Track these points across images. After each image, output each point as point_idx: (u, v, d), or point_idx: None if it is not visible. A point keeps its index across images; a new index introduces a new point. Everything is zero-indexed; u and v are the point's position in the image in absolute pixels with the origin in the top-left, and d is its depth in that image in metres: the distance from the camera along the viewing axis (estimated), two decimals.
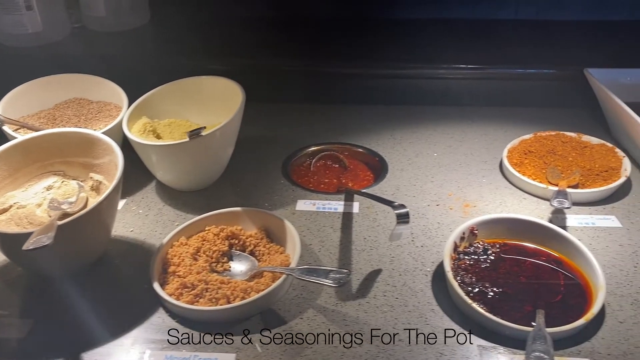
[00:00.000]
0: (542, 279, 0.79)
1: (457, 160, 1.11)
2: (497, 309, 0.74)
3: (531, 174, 1.03)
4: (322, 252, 0.87)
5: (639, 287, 0.78)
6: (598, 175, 1.02)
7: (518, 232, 0.86)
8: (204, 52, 1.39)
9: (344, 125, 1.25)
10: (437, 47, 1.38)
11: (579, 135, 1.11)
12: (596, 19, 1.49)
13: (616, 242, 0.87)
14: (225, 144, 1.00)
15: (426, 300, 0.77)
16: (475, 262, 0.82)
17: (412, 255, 0.86)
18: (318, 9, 1.54)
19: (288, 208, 0.97)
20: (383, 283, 0.80)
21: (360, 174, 1.13)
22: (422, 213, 0.96)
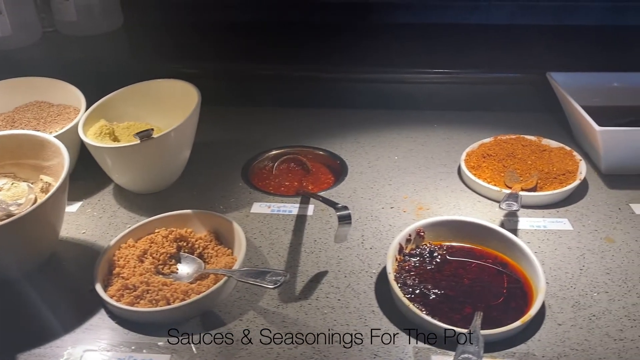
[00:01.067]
0: (486, 282, 0.79)
1: (417, 163, 1.11)
2: (437, 310, 0.74)
3: (488, 177, 1.03)
4: (271, 254, 0.87)
5: (582, 289, 0.78)
6: (555, 178, 1.02)
7: (465, 235, 0.86)
8: (173, 56, 1.40)
9: (309, 128, 1.25)
10: (405, 51, 1.39)
11: (539, 139, 1.11)
12: (568, 23, 1.50)
13: (565, 245, 0.87)
14: (180, 146, 1.00)
15: (368, 302, 0.77)
16: (421, 264, 0.82)
17: (359, 257, 0.86)
18: (286, 13, 1.54)
19: (243, 211, 0.97)
20: (327, 285, 0.80)
21: (322, 177, 1.13)
22: (375, 215, 0.96)
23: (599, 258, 0.84)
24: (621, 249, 0.86)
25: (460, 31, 1.50)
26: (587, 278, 0.80)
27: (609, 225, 0.91)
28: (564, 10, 1.49)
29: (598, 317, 0.73)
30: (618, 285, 0.79)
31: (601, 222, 0.92)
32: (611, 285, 0.79)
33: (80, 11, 1.44)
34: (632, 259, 0.84)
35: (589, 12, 1.49)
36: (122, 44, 1.50)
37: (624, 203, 0.97)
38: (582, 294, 0.77)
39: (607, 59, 1.35)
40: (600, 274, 0.81)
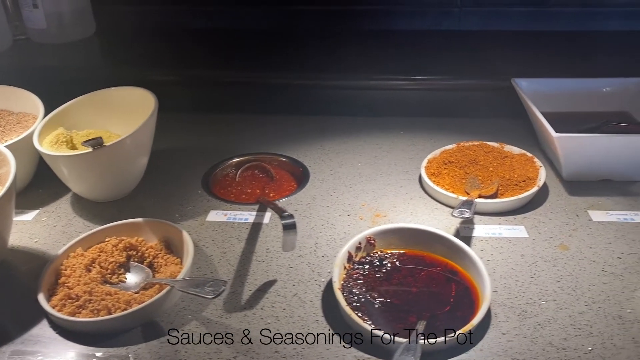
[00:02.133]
0: (434, 290, 0.79)
1: (380, 170, 1.11)
2: (381, 319, 0.73)
3: (447, 183, 1.02)
4: (222, 263, 0.86)
5: (530, 297, 0.77)
6: (516, 185, 1.01)
7: (417, 242, 0.85)
8: (140, 63, 1.39)
9: (276, 135, 1.25)
10: (374, 58, 1.39)
11: (501, 145, 1.11)
12: (539, 29, 1.50)
13: (518, 253, 0.86)
14: (136, 154, 0.99)
15: (313, 311, 0.76)
16: (370, 272, 0.81)
17: (310, 266, 0.85)
18: (251, 20, 1.54)
19: (198, 219, 0.97)
20: (274, 294, 0.79)
21: (285, 184, 1.12)
22: (332, 223, 0.95)
23: (551, 266, 0.83)
24: (574, 257, 0.85)
25: (431, 38, 1.50)
26: (537, 286, 0.79)
27: (565, 233, 0.90)
28: (535, 16, 1.49)
29: (543, 326, 0.73)
30: (567, 293, 0.78)
31: (557, 230, 0.91)
32: (560, 294, 0.78)
33: (50, 19, 1.45)
34: (584, 266, 0.83)
35: (560, 18, 1.49)
36: (92, 52, 1.50)
37: (583, 210, 0.96)
38: (530, 303, 0.76)
39: (576, 64, 1.35)
40: (550, 282, 0.80)
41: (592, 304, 0.76)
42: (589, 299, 0.77)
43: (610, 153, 0.98)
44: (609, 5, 1.47)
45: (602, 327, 0.72)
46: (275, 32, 1.54)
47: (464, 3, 1.49)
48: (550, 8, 1.48)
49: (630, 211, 0.95)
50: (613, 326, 0.72)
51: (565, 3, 1.47)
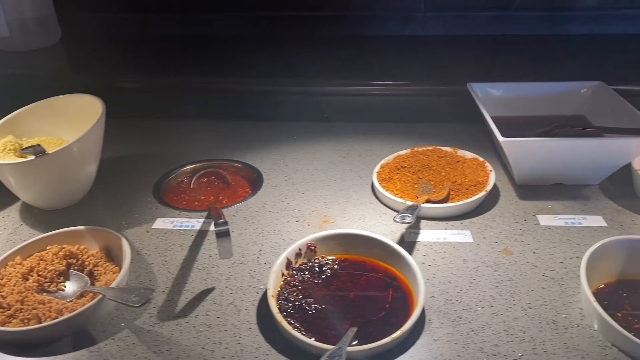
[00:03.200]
0: (371, 296, 0.78)
1: (334, 176, 1.10)
2: (313, 326, 0.73)
3: (398, 189, 1.02)
4: (162, 270, 0.86)
5: (467, 303, 0.77)
6: (468, 189, 1.01)
7: (358, 248, 0.85)
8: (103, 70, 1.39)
9: (233, 141, 1.25)
10: (335, 63, 1.39)
11: (454, 150, 1.10)
12: (501, 33, 1.50)
13: (461, 258, 0.86)
14: (83, 161, 0.99)
15: (247, 319, 0.75)
16: (309, 279, 0.81)
17: (251, 273, 0.84)
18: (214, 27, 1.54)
19: (144, 226, 0.96)
20: (210, 302, 0.79)
21: (239, 190, 1.12)
22: (278, 230, 0.94)
23: (492, 271, 0.83)
24: (517, 262, 0.84)
25: (395, 43, 1.50)
26: (475, 292, 0.79)
27: (510, 237, 0.90)
28: (499, 20, 1.49)
29: (477, 332, 0.72)
30: (505, 298, 0.77)
31: (503, 234, 0.91)
32: (498, 299, 0.77)
33: (12, 26, 1.44)
34: (525, 271, 0.82)
35: (524, 22, 1.49)
36: (56, 59, 1.49)
37: (532, 214, 0.96)
38: (466, 308, 0.76)
39: (537, 68, 1.36)
40: (489, 287, 0.80)
41: (528, 310, 0.75)
42: (526, 304, 0.76)
43: (559, 157, 0.98)
44: (572, 10, 1.47)
45: (536, 332, 0.72)
46: (238, 38, 1.54)
47: (427, 8, 1.49)
48: (514, 12, 1.48)
49: (579, 215, 0.95)
50: (546, 332, 0.72)
51: (529, 7, 1.47)
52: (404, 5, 1.49)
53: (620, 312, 0.76)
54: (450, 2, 1.48)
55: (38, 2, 1.47)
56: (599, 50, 1.43)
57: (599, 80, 1.16)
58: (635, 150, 0.97)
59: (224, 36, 1.56)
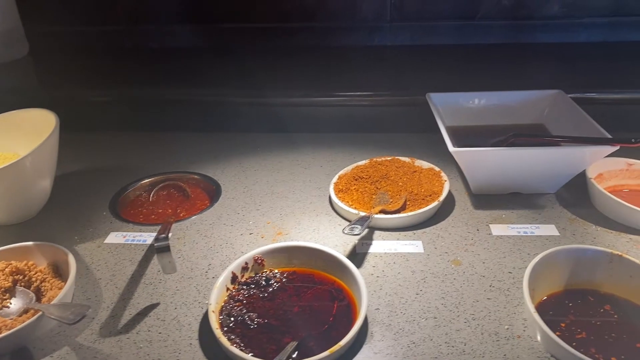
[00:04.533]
0: (316, 309, 0.78)
1: (293, 187, 1.10)
2: (253, 341, 0.72)
3: (354, 199, 1.02)
4: (109, 286, 0.85)
5: (411, 315, 0.76)
6: (423, 199, 1.01)
7: (307, 260, 0.84)
8: (64, 84, 1.39)
9: (194, 153, 1.25)
10: (300, 74, 1.39)
11: (412, 160, 1.11)
12: (467, 42, 1.50)
13: (410, 269, 0.85)
14: (36, 176, 0.98)
15: (189, 335, 0.75)
16: (254, 293, 0.80)
17: (198, 288, 0.84)
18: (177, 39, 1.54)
19: (97, 241, 0.95)
20: (154, 317, 0.78)
21: (198, 202, 1.11)
22: (231, 243, 0.94)
23: (439, 282, 0.83)
24: (465, 272, 0.84)
25: (361, 53, 1.51)
26: (421, 303, 0.79)
27: (461, 247, 0.90)
28: (464, 30, 1.50)
29: (417, 344, 0.72)
30: (449, 310, 0.77)
31: (455, 244, 0.91)
32: (442, 310, 0.77)
33: None
34: (472, 282, 0.82)
35: (489, 31, 1.50)
36: (22, 73, 1.49)
37: (485, 224, 0.96)
38: (410, 320, 0.76)
39: (500, 77, 1.36)
40: (435, 298, 0.79)
41: (472, 321, 0.75)
42: (469, 315, 0.76)
43: (511, 166, 0.98)
44: (536, 18, 1.48)
45: (476, 344, 0.71)
46: (202, 50, 1.55)
47: (393, 18, 1.49)
48: (479, 21, 1.48)
49: (532, 224, 0.95)
50: (487, 343, 0.71)
51: (493, 16, 1.48)
52: (370, 16, 1.49)
53: (565, 322, 0.75)
54: (415, 12, 1.48)
55: (4, 16, 1.47)
56: (562, 59, 1.44)
57: (560, 89, 1.16)
58: (589, 158, 0.97)
59: (188, 48, 1.56)
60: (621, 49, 1.46)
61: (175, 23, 1.54)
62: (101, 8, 1.53)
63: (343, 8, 1.49)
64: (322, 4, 1.49)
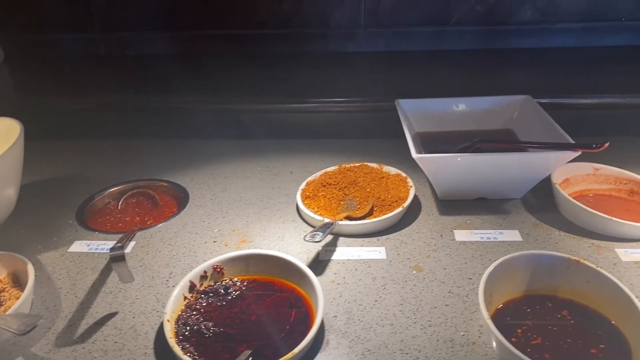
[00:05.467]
0: (273, 317, 0.77)
1: (261, 194, 1.10)
2: (208, 350, 0.72)
3: (321, 206, 1.02)
4: (69, 295, 0.84)
5: (368, 322, 0.76)
6: (390, 205, 1.01)
7: (267, 268, 0.84)
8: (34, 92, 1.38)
9: (164, 160, 1.25)
10: (271, 81, 1.39)
11: (380, 166, 1.11)
12: (441, 48, 1.51)
13: (371, 275, 0.85)
14: (1, 185, 0.98)
15: (144, 344, 0.75)
16: (213, 302, 0.80)
17: (157, 296, 0.83)
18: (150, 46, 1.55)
19: (60, 250, 0.95)
20: (111, 326, 0.78)
21: (166, 210, 1.11)
22: (194, 251, 0.94)
23: (399, 288, 0.83)
24: (425, 278, 0.84)
25: (335, 60, 1.51)
26: (379, 310, 0.79)
27: (423, 254, 0.90)
28: (438, 36, 1.50)
29: (372, 351, 0.72)
30: (407, 317, 0.77)
31: (417, 250, 0.91)
32: (399, 317, 0.77)
33: None
34: (432, 288, 0.82)
35: (462, 37, 1.50)
36: None
37: (449, 230, 0.96)
38: (367, 328, 0.75)
39: (473, 82, 1.36)
40: (393, 305, 0.79)
41: (428, 328, 0.75)
42: (426, 322, 0.76)
43: (474, 172, 0.98)
44: (509, 24, 1.49)
45: (431, 351, 0.71)
46: (175, 57, 1.55)
47: (367, 24, 1.50)
48: (452, 27, 1.49)
49: (496, 230, 0.95)
50: (442, 350, 0.71)
51: (467, 22, 1.48)
52: (344, 23, 1.50)
53: (522, 328, 0.75)
54: (390, 18, 1.49)
55: None
56: (536, 64, 1.45)
57: (531, 94, 1.17)
58: (552, 164, 0.98)
59: (164, 55, 1.56)
60: (594, 54, 1.47)
61: (151, 30, 1.54)
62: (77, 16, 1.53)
63: (317, 15, 1.49)
64: (297, 11, 1.49)
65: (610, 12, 1.46)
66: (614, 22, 1.45)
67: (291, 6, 1.47)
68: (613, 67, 1.40)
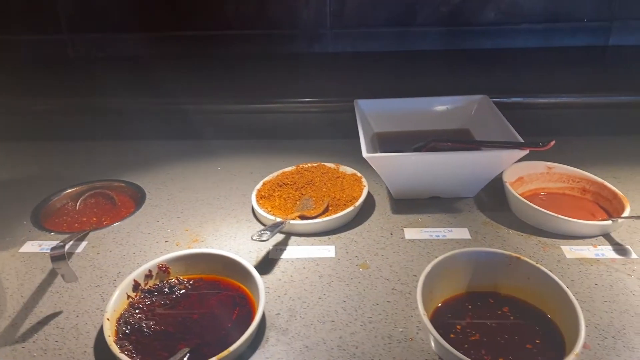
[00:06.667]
0: (216, 315, 0.78)
1: (219, 194, 1.11)
2: (147, 348, 0.72)
3: (277, 205, 1.02)
4: (15, 295, 0.85)
5: (310, 319, 0.77)
6: (345, 204, 1.01)
7: (214, 267, 0.85)
8: None
9: (124, 161, 1.25)
10: (233, 82, 1.39)
11: (337, 166, 1.11)
12: (405, 49, 1.52)
13: (318, 273, 0.86)
14: None
15: (85, 343, 0.75)
16: (157, 300, 0.80)
17: (103, 296, 0.84)
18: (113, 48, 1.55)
19: (11, 250, 0.95)
20: (53, 326, 0.78)
21: (124, 211, 1.11)
22: (145, 251, 0.94)
23: (344, 286, 0.83)
24: (371, 276, 0.85)
25: (302, 61, 1.52)
26: (322, 307, 0.79)
27: (372, 252, 0.91)
28: (402, 36, 1.51)
29: (310, 348, 0.72)
30: (348, 313, 0.78)
31: (366, 249, 0.91)
32: (341, 314, 0.78)
33: None
34: (376, 285, 0.83)
35: (427, 37, 1.52)
36: None
37: (399, 228, 0.97)
38: (307, 325, 0.76)
39: (435, 82, 1.37)
40: (336, 302, 0.80)
41: (368, 324, 0.76)
42: (367, 318, 0.77)
43: (425, 171, 0.99)
44: (473, 25, 1.50)
45: (368, 347, 0.72)
46: (139, 58, 1.55)
47: (333, 25, 1.51)
48: (417, 28, 1.50)
49: (445, 228, 0.96)
50: (379, 346, 0.72)
51: (431, 23, 1.50)
52: (310, 24, 1.51)
53: (461, 324, 0.76)
54: (355, 19, 1.50)
55: None
56: (498, 64, 1.46)
57: (491, 94, 1.18)
58: (501, 163, 0.99)
59: (130, 57, 1.56)
60: (555, 55, 1.49)
61: (119, 32, 1.54)
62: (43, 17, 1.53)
63: (283, 16, 1.50)
64: (263, 12, 1.50)
65: (573, 13, 1.48)
66: (576, 23, 1.47)
67: (257, 7, 1.48)
68: (572, 68, 1.42)
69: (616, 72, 1.39)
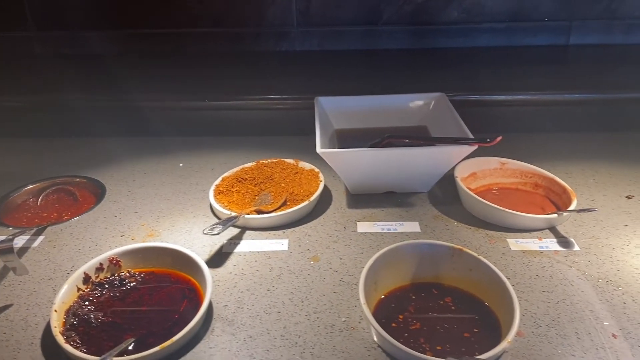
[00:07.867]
0: (165, 308, 0.79)
1: (178, 190, 1.12)
2: (94, 339, 0.74)
3: (234, 201, 1.04)
4: None
5: (256, 311, 0.79)
6: (302, 199, 1.03)
7: (164, 260, 0.86)
8: None
9: (87, 157, 1.26)
10: (200, 79, 1.41)
11: (296, 162, 1.13)
12: (371, 48, 1.54)
13: (269, 266, 0.88)
14: None
15: (33, 334, 0.76)
16: (107, 293, 0.82)
17: (56, 289, 0.85)
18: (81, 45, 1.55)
19: None
20: (3, 318, 0.79)
21: (85, 206, 1.12)
22: (100, 245, 0.95)
23: (293, 278, 0.85)
24: (320, 268, 0.87)
25: (268, 59, 1.54)
26: (270, 299, 0.81)
27: (324, 245, 0.93)
28: (368, 35, 1.54)
29: (254, 338, 0.74)
30: (295, 304, 0.80)
31: (319, 242, 0.93)
32: (287, 305, 0.79)
33: None
34: (324, 277, 0.85)
35: (392, 36, 1.54)
36: None
37: (353, 222, 0.99)
38: (254, 316, 0.78)
39: (398, 81, 1.40)
40: (284, 293, 0.82)
41: (313, 314, 0.78)
42: (312, 309, 0.79)
43: (378, 167, 1.01)
44: (437, 24, 1.53)
45: (310, 337, 0.74)
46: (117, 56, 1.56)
47: (299, 23, 1.52)
48: (382, 27, 1.52)
49: (397, 222, 0.98)
50: (321, 335, 0.74)
51: (396, 22, 1.52)
52: (276, 22, 1.52)
53: (403, 314, 0.78)
54: (321, 18, 1.52)
55: None
56: (460, 63, 1.49)
57: (452, 92, 1.20)
58: (451, 158, 1.01)
59: (99, 55, 1.57)
60: (516, 54, 1.52)
61: (88, 30, 1.55)
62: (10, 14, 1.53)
63: (250, 14, 1.51)
64: (230, 10, 1.51)
65: (534, 13, 1.51)
66: (536, 23, 1.50)
67: (224, 5, 1.49)
68: (532, 66, 1.45)
69: (574, 71, 1.42)
